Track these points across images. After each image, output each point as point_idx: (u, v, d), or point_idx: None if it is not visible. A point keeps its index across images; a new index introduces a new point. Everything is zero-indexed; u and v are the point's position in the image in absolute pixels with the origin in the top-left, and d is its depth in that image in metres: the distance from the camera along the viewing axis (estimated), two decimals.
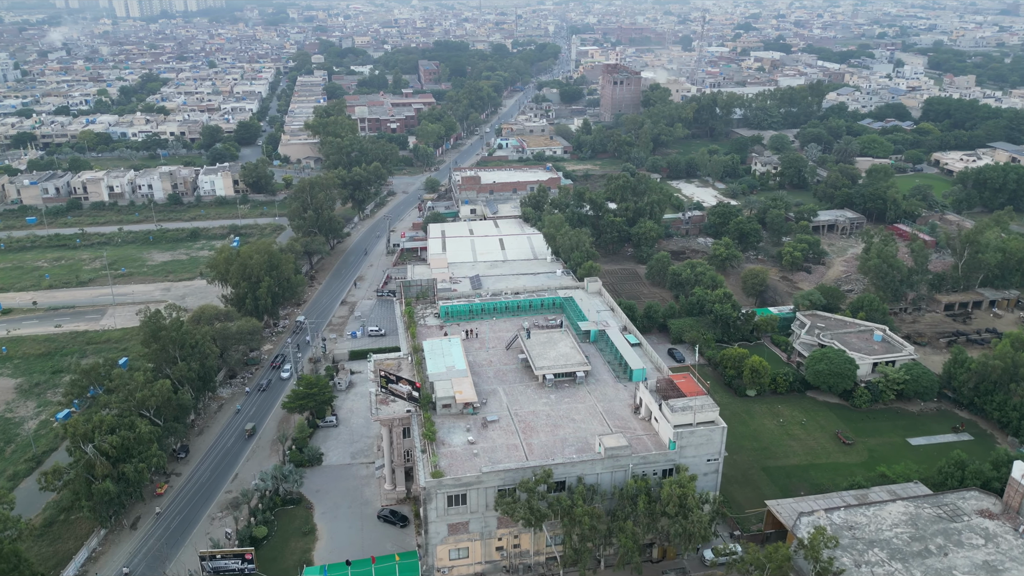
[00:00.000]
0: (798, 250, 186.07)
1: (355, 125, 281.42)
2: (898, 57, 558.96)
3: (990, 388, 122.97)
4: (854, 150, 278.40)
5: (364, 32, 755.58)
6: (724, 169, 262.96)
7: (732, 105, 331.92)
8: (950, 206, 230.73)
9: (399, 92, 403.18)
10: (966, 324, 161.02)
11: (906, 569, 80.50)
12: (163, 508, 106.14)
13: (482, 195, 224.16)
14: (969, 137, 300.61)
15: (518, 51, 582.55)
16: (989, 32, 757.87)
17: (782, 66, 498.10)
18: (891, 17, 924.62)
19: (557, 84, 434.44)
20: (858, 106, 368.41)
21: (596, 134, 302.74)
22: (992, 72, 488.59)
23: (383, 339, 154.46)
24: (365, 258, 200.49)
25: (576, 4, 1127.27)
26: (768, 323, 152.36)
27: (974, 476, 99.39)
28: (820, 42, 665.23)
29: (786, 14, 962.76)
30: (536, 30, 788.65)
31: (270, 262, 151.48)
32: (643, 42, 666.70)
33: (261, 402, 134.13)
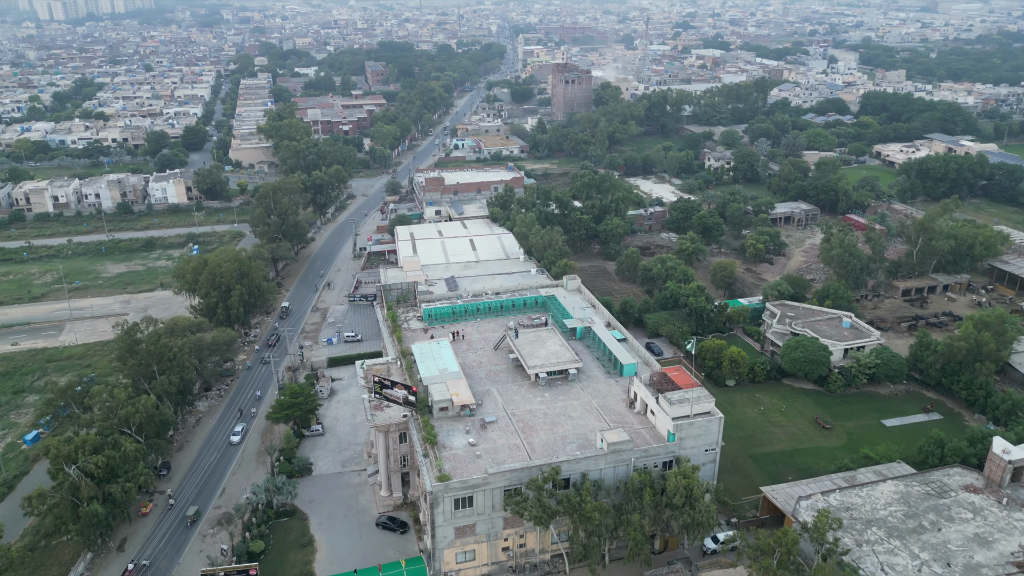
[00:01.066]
0: (761, 242, 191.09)
1: (309, 128, 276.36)
2: (831, 54, 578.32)
3: (956, 369, 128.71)
4: (801, 144, 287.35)
5: (304, 33, 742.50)
6: (679, 165, 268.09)
7: (682, 102, 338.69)
8: (896, 196, 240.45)
9: (348, 94, 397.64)
10: (923, 308, 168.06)
11: (904, 546, 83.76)
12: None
13: (446, 196, 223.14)
14: (907, 129, 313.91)
15: (463, 51, 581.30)
16: (913, 28, 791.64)
17: (723, 63, 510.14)
18: (820, 15, 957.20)
19: (507, 84, 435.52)
20: (800, 102, 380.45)
21: (552, 133, 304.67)
22: (920, 67, 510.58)
23: (360, 345, 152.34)
24: (332, 263, 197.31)
25: (516, 4, 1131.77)
26: (740, 314, 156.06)
27: (953, 453, 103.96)
28: (756, 40, 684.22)
29: (720, 12, 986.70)
30: (479, 30, 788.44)
31: (240, 270, 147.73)
32: (586, 41, 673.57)
33: (245, 415, 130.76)
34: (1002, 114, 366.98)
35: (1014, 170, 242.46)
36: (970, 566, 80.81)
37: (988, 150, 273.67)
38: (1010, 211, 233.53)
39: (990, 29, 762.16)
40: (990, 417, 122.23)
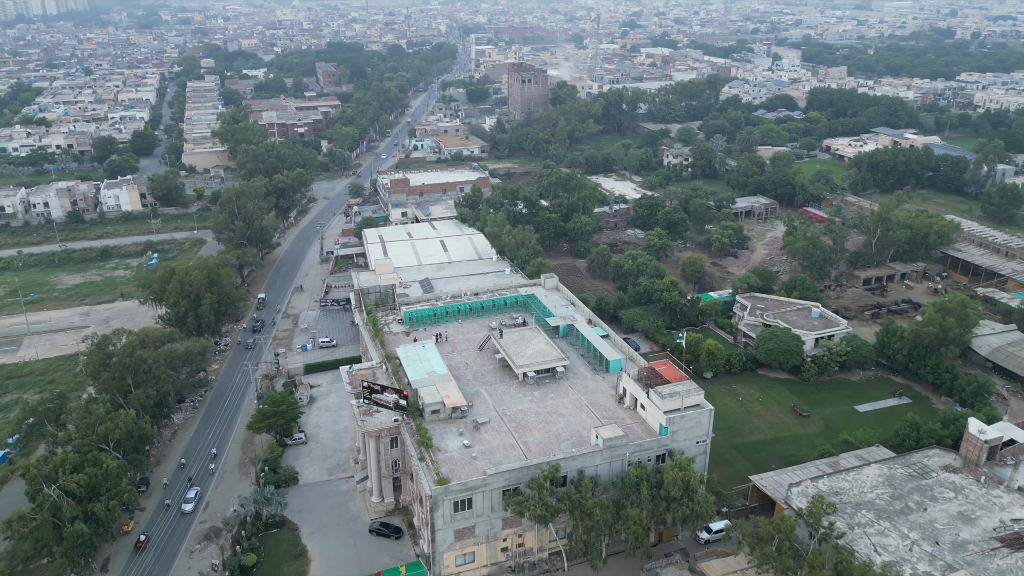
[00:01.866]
0: (726, 236, 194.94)
1: (266, 131, 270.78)
2: (775, 51, 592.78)
3: (922, 353, 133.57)
4: (755, 140, 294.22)
5: (249, 34, 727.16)
6: (640, 163, 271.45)
7: (637, 100, 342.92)
8: (848, 188, 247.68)
9: (301, 96, 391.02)
10: (884, 296, 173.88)
11: (894, 527, 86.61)
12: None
13: (412, 197, 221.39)
14: (854, 124, 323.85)
15: (414, 51, 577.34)
16: (849, 26, 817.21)
17: (673, 61, 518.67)
18: (760, 13, 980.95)
19: (462, 84, 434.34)
20: (750, 98, 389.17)
21: (511, 132, 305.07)
22: (860, 63, 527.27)
23: (336, 350, 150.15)
24: (299, 267, 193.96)
25: (463, 3, 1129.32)
26: (712, 307, 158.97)
27: (928, 435, 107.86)
28: (701, 38, 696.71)
29: (665, 12, 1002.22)
30: (428, 30, 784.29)
31: (209, 278, 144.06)
32: (536, 41, 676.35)
33: (221, 425, 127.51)
34: (940, 108, 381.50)
35: (958, 161, 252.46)
36: (957, 543, 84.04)
37: (932, 143, 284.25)
38: (955, 201, 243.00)
39: (922, 26, 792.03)
40: (957, 399, 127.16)
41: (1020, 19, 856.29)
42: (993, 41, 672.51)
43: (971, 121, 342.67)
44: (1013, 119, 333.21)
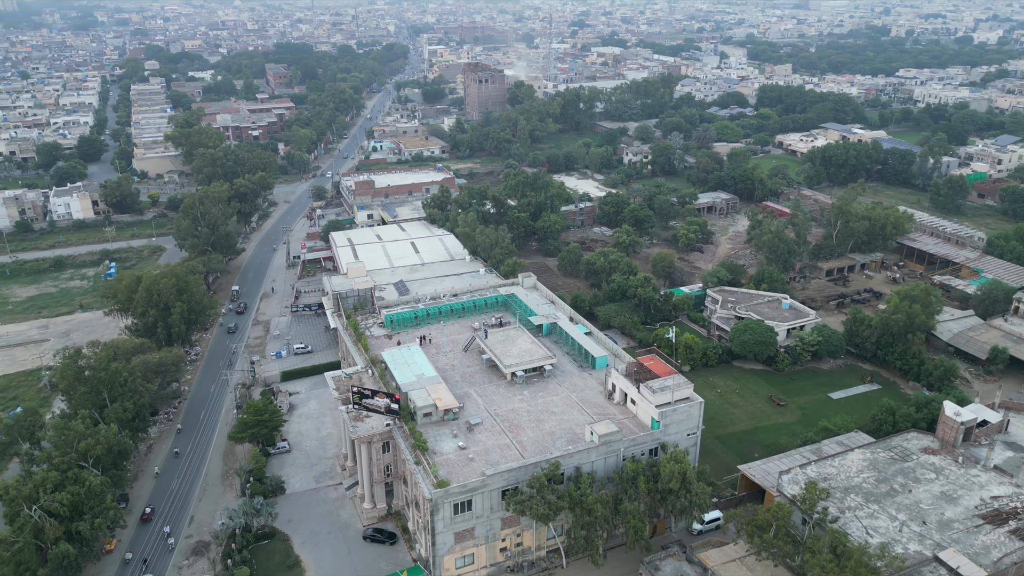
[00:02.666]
0: (692, 232, 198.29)
1: (222, 134, 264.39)
2: (722, 50, 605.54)
3: (890, 341, 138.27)
4: (711, 136, 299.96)
5: (192, 35, 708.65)
6: (601, 161, 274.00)
7: (594, 99, 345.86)
8: (803, 182, 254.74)
9: (253, 98, 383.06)
10: (846, 286, 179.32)
11: (882, 509, 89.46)
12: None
13: (377, 199, 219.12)
14: (804, 120, 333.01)
15: (364, 52, 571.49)
16: (790, 25, 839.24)
17: (624, 60, 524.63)
18: (704, 13, 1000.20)
19: (417, 84, 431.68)
20: (702, 96, 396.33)
21: (471, 133, 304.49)
22: (803, 61, 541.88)
23: (311, 356, 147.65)
24: (265, 273, 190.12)
25: (410, 3, 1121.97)
26: (684, 302, 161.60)
27: (904, 419, 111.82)
28: (649, 37, 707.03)
29: (612, 11, 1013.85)
30: (377, 30, 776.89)
31: (178, 286, 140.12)
32: (487, 41, 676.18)
33: (197, 437, 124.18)
34: (883, 103, 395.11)
35: (905, 155, 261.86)
36: (943, 522, 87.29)
37: (879, 137, 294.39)
38: (904, 192, 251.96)
39: (858, 24, 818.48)
40: (924, 383, 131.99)
41: (949, 17, 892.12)
42: (926, 38, 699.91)
43: (913, 116, 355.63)
44: (952, 113, 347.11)
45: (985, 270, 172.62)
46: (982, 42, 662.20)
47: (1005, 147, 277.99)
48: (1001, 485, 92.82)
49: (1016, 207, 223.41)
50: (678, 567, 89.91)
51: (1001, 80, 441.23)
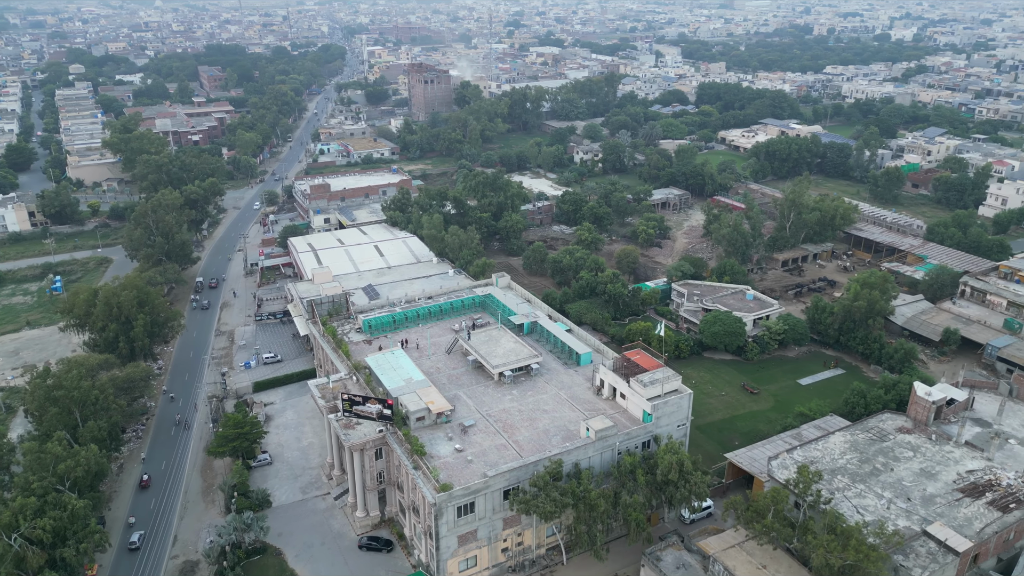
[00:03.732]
0: (651, 227, 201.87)
1: (165, 140, 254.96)
2: (656, 49, 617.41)
3: (851, 327, 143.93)
4: (658, 134, 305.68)
5: (114, 37, 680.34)
6: (553, 160, 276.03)
7: (540, 99, 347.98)
8: (749, 177, 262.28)
9: (188, 101, 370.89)
10: (801, 276, 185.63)
11: (869, 488, 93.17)
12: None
13: (333, 203, 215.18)
14: (743, 116, 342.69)
15: (300, 53, 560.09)
16: (718, 24, 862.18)
17: (563, 60, 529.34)
18: (635, 12, 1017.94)
19: (358, 86, 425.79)
20: (644, 94, 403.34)
21: (421, 134, 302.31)
22: (735, 59, 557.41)
23: (282, 366, 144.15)
24: (223, 281, 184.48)
25: (341, 4, 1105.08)
26: (651, 296, 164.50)
27: (874, 401, 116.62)
28: (584, 37, 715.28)
29: (545, 11, 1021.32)
30: (311, 31, 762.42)
31: (139, 298, 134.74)
32: (424, 41, 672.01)
33: (169, 453, 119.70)
34: (814, 99, 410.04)
35: (842, 148, 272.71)
36: (926, 497, 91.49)
37: (816, 131, 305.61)
38: (843, 185, 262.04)
39: (782, 23, 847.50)
40: (886, 366, 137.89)
41: (866, 15, 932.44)
42: (847, 36, 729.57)
43: (844, 111, 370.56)
44: (879, 108, 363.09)
45: (929, 256, 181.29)
46: (899, 39, 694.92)
47: (933, 139, 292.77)
48: (974, 460, 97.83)
49: (949, 196, 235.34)
50: (678, 556, 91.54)
51: (921, 75, 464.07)
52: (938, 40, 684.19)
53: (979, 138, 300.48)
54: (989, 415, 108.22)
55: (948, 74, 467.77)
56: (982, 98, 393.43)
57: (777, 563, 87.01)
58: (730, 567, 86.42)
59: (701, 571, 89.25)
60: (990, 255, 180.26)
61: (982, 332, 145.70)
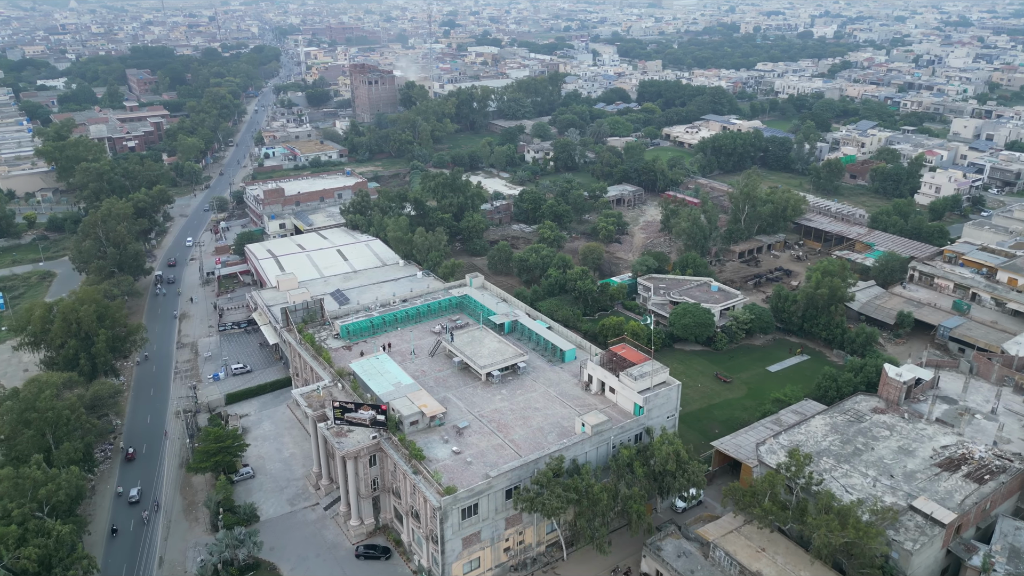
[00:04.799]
0: (611, 224, 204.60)
1: (103, 147, 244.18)
2: (593, 48, 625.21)
3: (814, 313, 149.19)
4: (605, 132, 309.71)
5: (30, 40, 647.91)
6: (505, 159, 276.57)
7: (487, 98, 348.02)
8: (697, 172, 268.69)
9: (119, 106, 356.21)
10: (758, 267, 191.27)
11: (853, 468, 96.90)
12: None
13: (288, 208, 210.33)
14: (686, 112, 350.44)
15: (232, 55, 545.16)
16: (649, 23, 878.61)
17: (503, 60, 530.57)
18: (567, 12, 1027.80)
19: (299, 87, 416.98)
20: (587, 92, 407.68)
21: (369, 135, 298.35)
22: (669, 57, 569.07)
23: (253, 376, 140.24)
24: (179, 292, 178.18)
25: (269, 4, 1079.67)
26: (619, 291, 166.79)
27: (845, 384, 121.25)
28: (521, 36, 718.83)
29: (478, 11, 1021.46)
30: (240, 32, 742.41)
31: (99, 312, 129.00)
32: (360, 41, 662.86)
33: (143, 473, 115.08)
34: (749, 95, 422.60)
35: (783, 142, 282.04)
36: (907, 474, 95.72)
37: (756, 126, 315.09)
38: (786, 177, 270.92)
39: (710, 22, 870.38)
40: (848, 350, 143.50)
41: (787, 13, 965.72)
42: (772, 34, 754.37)
43: (778, 106, 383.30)
44: (812, 103, 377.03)
45: (876, 244, 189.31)
46: (822, 36, 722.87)
47: (866, 131, 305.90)
48: (946, 435, 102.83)
49: (886, 185, 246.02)
50: (678, 545, 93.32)
51: (847, 71, 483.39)
52: (858, 37, 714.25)
53: (908, 130, 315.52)
54: (954, 392, 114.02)
55: (871, 69, 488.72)
56: (905, 92, 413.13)
57: (775, 545, 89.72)
58: (731, 552, 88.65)
59: (701, 558, 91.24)
60: (931, 240, 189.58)
61: (933, 314, 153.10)
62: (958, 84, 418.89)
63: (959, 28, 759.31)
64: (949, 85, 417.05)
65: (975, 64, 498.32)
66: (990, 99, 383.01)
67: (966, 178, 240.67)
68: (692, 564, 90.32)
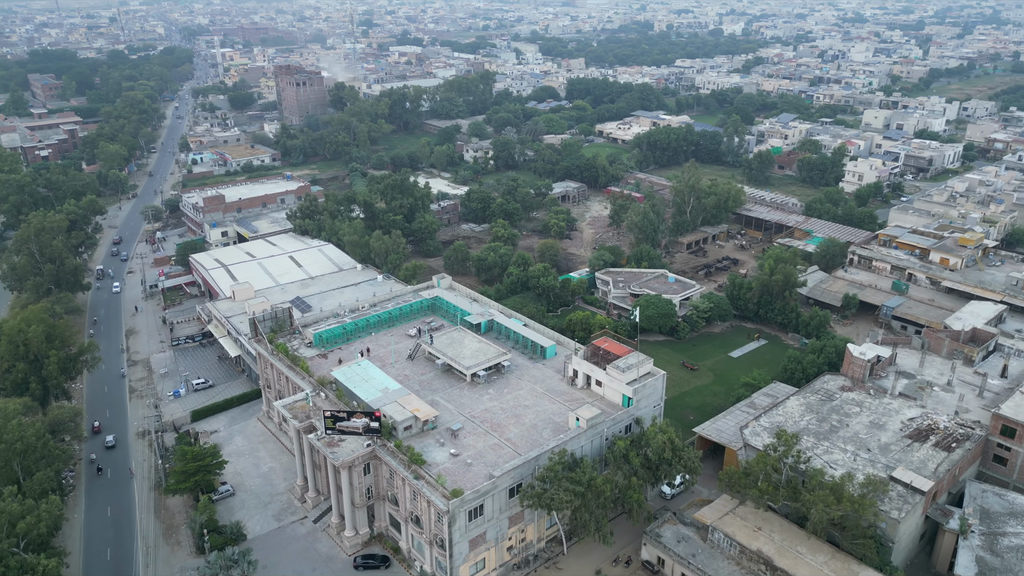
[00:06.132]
0: (561, 220, 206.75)
1: (18, 157, 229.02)
2: (515, 47, 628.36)
3: (769, 300, 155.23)
4: (541, 129, 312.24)
5: None
6: (446, 159, 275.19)
7: (419, 98, 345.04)
8: (635, 167, 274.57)
9: (25, 113, 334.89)
10: (706, 257, 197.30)
11: (833, 444, 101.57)
12: None
13: (229, 215, 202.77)
14: (616, 109, 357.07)
15: (139, 57, 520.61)
16: (566, 21, 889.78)
17: (427, 59, 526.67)
18: (483, 11, 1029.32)
19: (219, 90, 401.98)
20: (517, 91, 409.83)
21: (303, 138, 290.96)
22: (591, 55, 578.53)
23: (216, 391, 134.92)
24: (120, 307, 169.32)
25: (173, 4, 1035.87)
26: (579, 286, 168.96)
27: (810, 365, 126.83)
28: (441, 35, 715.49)
29: (394, 10, 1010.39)
30: (145, 34, 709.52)
31: (48, 332, 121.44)
32: (277, 42, 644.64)
33: (112, 498, 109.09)
34: (672, 91, 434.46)
35: (713, 136, 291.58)
36: (882, 446, 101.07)
37: (684, 120, 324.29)
38: (718, 170, 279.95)
39: (625, 20, 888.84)
40: (803, 333, 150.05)
41: (696, 12, 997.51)
42: (686, 32, 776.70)
43: (702, 101, 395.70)
44: (732, 97, 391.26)
45: (814, 231, 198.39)
46: (731, 33, 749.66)
47: (787, 124, 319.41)
48: (911, 408, 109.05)
49: (812, 175, 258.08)
50: (676, 531, 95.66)
51: (760, 66, 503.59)
52: (765, 34, 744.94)
53: (826, 121, 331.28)
54: (911, 368, 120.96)
55: (781, 64, 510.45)
56: (816, 85, 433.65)
57: (769, 523, 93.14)
58: (729, 533, 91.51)
59: (700, 541, 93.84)
60: (862, 226, 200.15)
61: (875, 295, 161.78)
62: (863, 77, 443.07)
63: (856, 24, 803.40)
64: (855, 78, 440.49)
65: (875, 58, 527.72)
66: (894, 91, 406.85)
67: (885, 166, 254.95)
68: (692, 548, 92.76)
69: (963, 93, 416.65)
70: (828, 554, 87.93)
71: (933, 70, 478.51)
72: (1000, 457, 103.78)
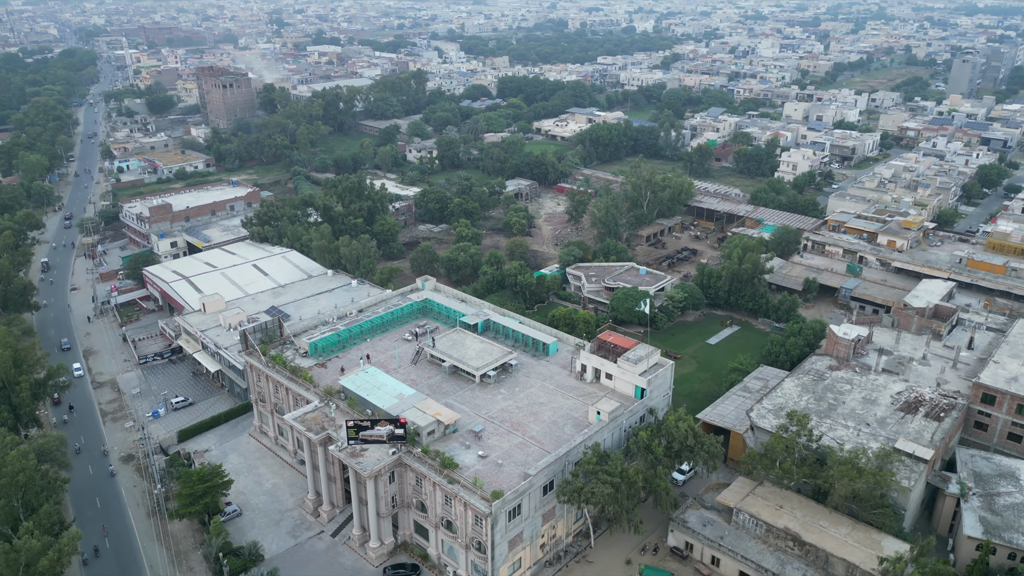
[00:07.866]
0: (522, 218, 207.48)
1: None
2: (435, 45, 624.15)
3: (739, 287, 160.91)
4: (482, 128, 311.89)
5: None
6: (391, 160, 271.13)
7: (353, 98, 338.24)
8: (580, 163, 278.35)
9: None
10: (665, 249, 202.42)
11: (835, 422, 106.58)
12: None
13: (177, 224, 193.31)
14: (551, 106, 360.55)
15: (35, 60, 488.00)
16: (481, 20, 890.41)
17: (348, 59, 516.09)
18: (395, 9, 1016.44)
19: (135, 94, 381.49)
20: (450, 90, 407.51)
21: (237, 142, 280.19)
22: (514, 53, 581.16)
23: (197, 409, 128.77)
24: (70, 325, 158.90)
25: (62, 3, 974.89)
26: (553, 282, 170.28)
27: (793, 348, 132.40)
28: (356, 35, 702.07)
29: (303, 9, 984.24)
30: (38, 35, 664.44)
31: (15, 357, 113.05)
32: (184, 43, 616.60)
33: (106, 526, 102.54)
34: (599, 87, 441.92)
35: (652, 131, 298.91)
36: (878, 419, 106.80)
37: (619, 116, 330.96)
38: (657, 163, 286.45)
39: (539, 18, 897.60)
40: (773, 318, 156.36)
41: (606, 9, 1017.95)
42: (600, 29, 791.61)
43: (631, 96, 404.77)
44: (658, 93, 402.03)
45: (765, 219, 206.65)
46: (644, 31, 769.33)
47: (717, 117, 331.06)
48: (896, 383, 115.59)
49: (749, 166, 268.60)
50: (700, 515, 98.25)
51: (678, 63, 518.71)
52: (676, 31, 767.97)
53: (752, 114, 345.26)
54: (888, 344, 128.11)
55: (698, 60, 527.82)
56: (735, 80, 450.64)
57: (790, 501, 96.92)
58: (755, 513, 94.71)
59: (725, 523, 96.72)
60: (806, 213, 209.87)
61: (833, 278, 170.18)
62: (776, 72, 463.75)
63: (758, 21, 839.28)
64: (768, 73, 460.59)
65: (783, 53, 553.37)
66: (807, 84, 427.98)
67: (815, 155, 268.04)
68: (719, 530, 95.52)
69: (867, 85, 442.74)
70: (849, 526, 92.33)
71: (837, 64, 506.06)
72: (980, 423, 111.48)
